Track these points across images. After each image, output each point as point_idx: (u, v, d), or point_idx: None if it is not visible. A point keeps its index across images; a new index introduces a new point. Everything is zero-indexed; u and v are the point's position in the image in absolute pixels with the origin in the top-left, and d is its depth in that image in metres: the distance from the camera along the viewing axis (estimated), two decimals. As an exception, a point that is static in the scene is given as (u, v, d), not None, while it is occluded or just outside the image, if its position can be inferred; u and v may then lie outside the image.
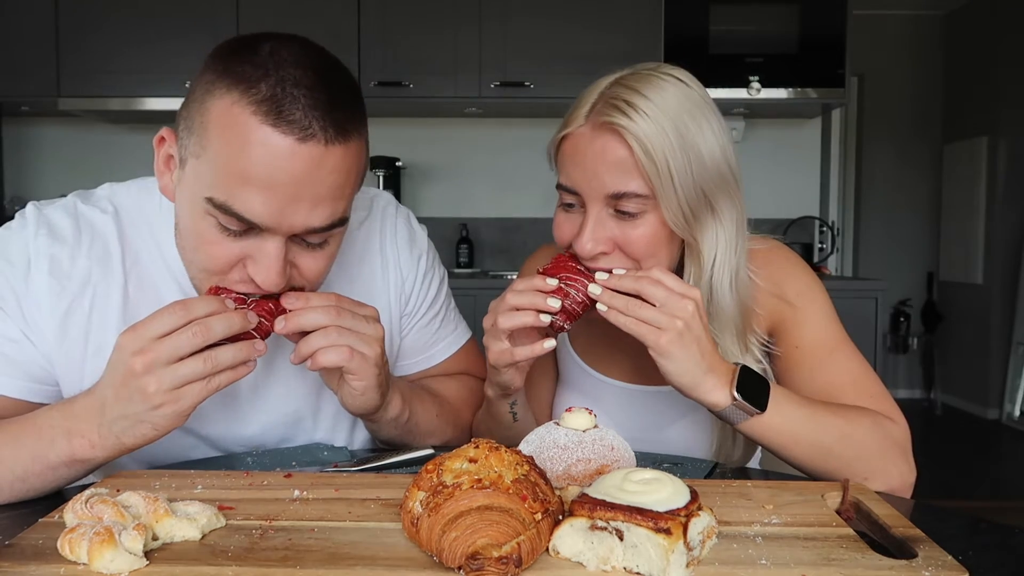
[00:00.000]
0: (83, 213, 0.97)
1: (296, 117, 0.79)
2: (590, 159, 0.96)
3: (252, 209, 0.81)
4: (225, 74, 0.81)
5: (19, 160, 3.85)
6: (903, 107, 5.77)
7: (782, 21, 3.38)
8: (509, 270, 3.68)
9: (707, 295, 1.01)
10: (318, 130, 0.80)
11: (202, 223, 0.84)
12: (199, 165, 0.83)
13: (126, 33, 3.34)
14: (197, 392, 0.79)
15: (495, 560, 0.60)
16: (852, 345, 1.06)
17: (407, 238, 1.15)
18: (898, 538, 0.68)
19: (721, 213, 0.99)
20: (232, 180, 0.80)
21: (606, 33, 3.34)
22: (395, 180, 3.69)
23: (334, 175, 0.83)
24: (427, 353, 1.18)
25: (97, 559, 0.60)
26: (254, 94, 0.79)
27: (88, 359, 0.95)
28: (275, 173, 0.80)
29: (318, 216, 0.84)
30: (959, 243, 5.52)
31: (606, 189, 0.95)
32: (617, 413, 1.14)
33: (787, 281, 1.07)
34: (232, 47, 0.84)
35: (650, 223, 0.96)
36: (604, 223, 0.97)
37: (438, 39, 3.39)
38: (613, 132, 0.94)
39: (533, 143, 3.79)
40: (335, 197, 0.85)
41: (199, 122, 0.83)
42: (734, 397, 0.90)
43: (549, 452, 0.77)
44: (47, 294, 0.93)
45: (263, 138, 0.79)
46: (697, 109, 0.96)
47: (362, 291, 1.07)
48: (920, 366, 5.84)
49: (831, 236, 3.92)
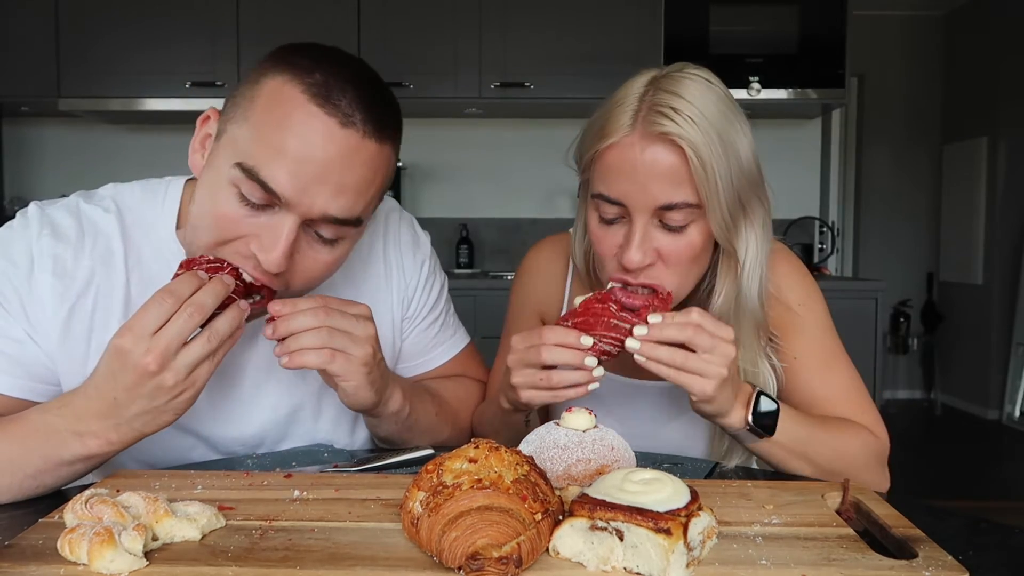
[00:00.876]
0: (86, 212, 0.98)
1: (342, 104, 0.84)
2: (640, 170, 0.93)
3: (278, 179, 0.83)
4: (281, 62, 0.87)
5: (19, 160, 3.85)
6: (903, 107, 5.77)
7: (782, 21, 3.38)
8: (509, 270, 3.68)
9: (736, 295, 1.02)
10: (359, 121, 0.85)
11: (222, 194, 0.86)
12: (237, 130, 0.86)
13: (126, 33, 3.34)
14: (208, 370, 0.81)
15: (495, 560, 0.60)
16: (846, 356, 1.09)
17: (411, 243, 1.16)
18: (898, 538, 0.68)
19: (753, 215, 1.00)
20: (267, 149, 0.84)
21: (606, 34, 3.34)
22: (395, 180, 3.69)
23: (363, 169, 0.87)
24: (426, 357, 1.19)
25: (97, 559, 0.60)
26: (307, 78, 0.85)
27: (91, 358, 0.95)
28: (310, 150, 0.83)
29: (338, 205, 0.86)
30: (959, 243, 5.52)
31: (656, 201, 0.93)
32: (616, 408, 1.14)
33: (790, 287, 1.09)
34: (292, 47, 0.90)
35: (694, 234, 0.96)
36: (650, 235, 0.95)
37: (438, 39, 3.39)
38: (666, 142, 0.92)
39: (533, 143, 3.83)
40: (359, 192, 0.87)
41: (248, 96, 0.87)
42: (748, 423, 0.92)
43: (549, 452, 0.77)
44: (51, 294, 0.93)
45: (307, 116, 0.84)
46: (729, 111, 0.96)
47: (366, 295, 1.08)
48: (920, 366, 5.84)
49: (831, 236, 3.92)
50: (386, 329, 1.12)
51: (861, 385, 1.08)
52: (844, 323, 1.13)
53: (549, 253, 1.23)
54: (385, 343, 1.11)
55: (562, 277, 1.20)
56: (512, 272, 3.71)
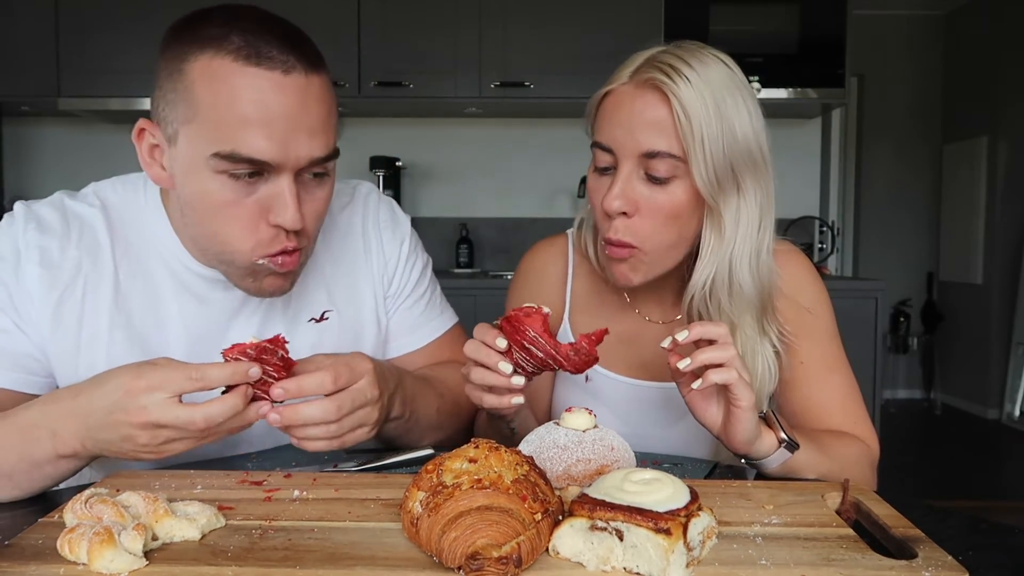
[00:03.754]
0: (70, 207, 1.00)
1: (274, 54, 0.85)
2: (628, 115, 0.98)
3: (258, 146, 0.85)
4: (192, 42, 0.86)
5: (19, 160, 3.85)
6: (903, 107, 5.77)
7: (782, 21, 3.38)
8: (509, 270, 3.68)
9: (726, 271, 1.02)
10: (296, 62, 0.86)
11: (213, 185, 0.87)
12: (193, 129, 0.86)
13: (126, 33, 3.33)
14: (181, 448, 0.79)
15: (495, 560, 0.60)
16: (847, 364, 1.11)
17: (389, 222, 1.17)
18: (898, 538, 0.68)
19: (746, 191, 1.01)
20: (231, 127, 0.84)
21: (606, 33, 3.34)
22: (395, 180, 3.69)
23: (319, 103, 0.89)
24: (413, 335, 1.19)
25: (97, 559, 0.60)
26: (228, 45, 0.85)
27: (82, 348, 0.96)
28: (270, 108, 0.85)
29: (317, 145, 0.89)
30: (959, 243, 5.52)
31: (640, 147, 0.97)
32: (623, 409, 1.14)
33: (802, 289, 1.11)
34: (183, 23, 0.89)
35: (677, 191, 0.98)
36: (633, 184, 0.98)
37: (438, 39, 3.39)
38: (655, 90, 0.97)
39: (533, 143, 3.83)
40: (326, 125, 0.90)
41: (181, 90, 0.86)
42: (781, 440, 0.91)
43: (549, 452, 0.77)
44: (38, 284, 0.94)
45: (250, 80, 0.84)
46: (736, 89, 0.99)
47: (345, 271, 1.11)
48: (920, 366, 5.84)
49: (831, 236, 3.92)
50: (368, 307, 1.14)
51: (858, 394, 1.10)
52: (844, 323, 1.13)
53: (546, 256, 1.22)
54: (369, 322, 1.14)
55: (561, 279, 1.20)
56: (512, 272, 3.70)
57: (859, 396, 1.10)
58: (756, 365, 1.04)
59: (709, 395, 0.91)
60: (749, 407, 0.86)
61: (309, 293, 1.09)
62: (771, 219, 1.05)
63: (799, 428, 1.04)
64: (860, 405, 1.09)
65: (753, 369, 1.04)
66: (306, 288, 1.08)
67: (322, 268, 1.10)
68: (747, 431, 0.88)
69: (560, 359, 0.85)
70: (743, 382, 0.85)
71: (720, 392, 0.89)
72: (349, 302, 1.12)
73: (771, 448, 0.91)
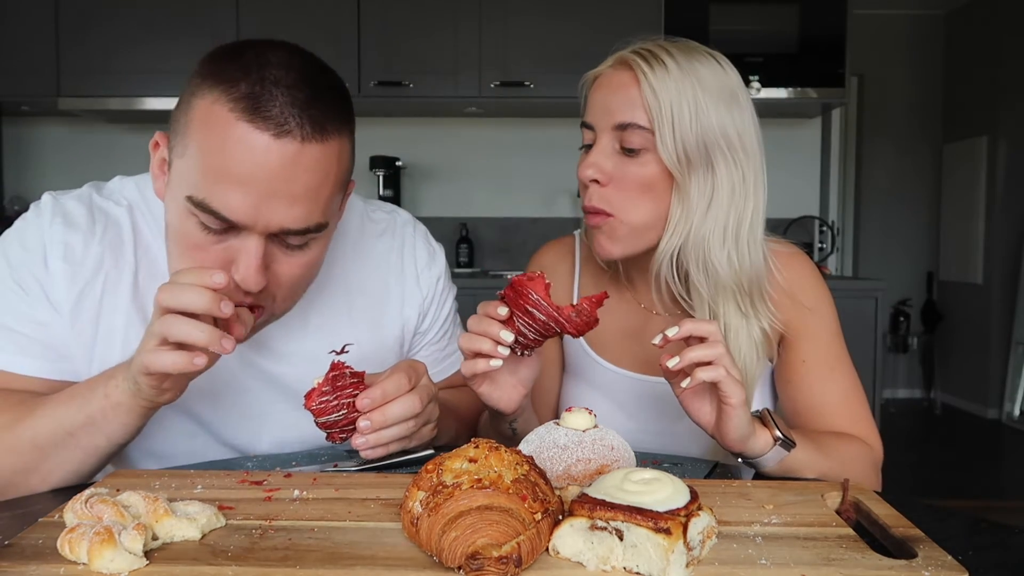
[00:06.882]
0: (97, 203, 1.00)
1: (272, 113, 0.80)
2: (604, 92, 1.04)
3: (229, 206, 0.81)
4: (210, 76, 0.83)
5: (19, 160, 3.85)
6: (903, 107, 5.77)
7: (782, 21, 3.38)
8: (509, 270, 3.68)
9: (699, 249, 1.03)
10: (294, 127, 0.81)
11: (187, 224, 0.85)
12: (182, 164, 0.85)
13: (126, 33, 3.34)
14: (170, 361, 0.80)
15: (495, 560, 0.60)
16: (850, 364, 1.10)
17: (427, 258, 1.17)
18: (898, 538, 0.68)
19: (719, 175, 1.02)
20: (210, 177, 0.82)
21: (606, 33, 3.31)
22: (395, 180, 3.69)
23: (310, 174, 0.83)
24: (437, 368, 1.19)
25: (97, 559, 0.60)
26: (233, 92, 0.81)
27: (98, 343, 0.97)
28: (251, 169, 0.80)
29: (293, 215, 0.84)
30: (959, 243, 5.52)
31: (613, 119, 1.02)
32: (628, 403, 1.14)
33: (805, 288, 1.11)
34: (220, 51, 0.86)
35: (649, 163, 1.01)
36: (608, 155, 1.03)
37: (438, 39, 3.39)
38: (629, 69, 1.02)
39: (533, 143, 3.83)
40: (311, 198, 0.84)
41: (183, 122, 0.85)
42: (776, 437, 0.90)
43: (549, 452, 0.77)
44: (61, 278, 0.95)
45: (240, 135, 0.80)
46: (720, 81, 1.02)
47: (372, 303, 1.11)
48: (920, 366, 5.84)
49: (831, 236, 3.93)
50: (392, 338, 1.14)
51: (861, 394, 1.10)
52: (844, 322, 1.13)
53: (554, 255, 1.25)
54: (391, 353, 1.13)
55: (568, 277, 1.22)
56: (512, 271, 3.70)
57: (863, 397, 1.09)
58: (739, 352, 1.05)
59: (701, 393, 0.91)
60: (739, 404, 0.86)
61: (328, 322, 1.07)
62: (752, 208, 1.04)
63: (800, 428, 1.04)
64: (863, 405, 1.09)
65: (738, 358, 1.04)
66: (326, 316, 1.07)
67: (349, 296, 1.09)
68: (739, 428, 0.88)
69: (562, 321, 0.87)
70: (732, 379, 0.85)
71: (712, 390, 0.89)
72: (373, 333, 1.11)
73: (766, 446, 0.90)
